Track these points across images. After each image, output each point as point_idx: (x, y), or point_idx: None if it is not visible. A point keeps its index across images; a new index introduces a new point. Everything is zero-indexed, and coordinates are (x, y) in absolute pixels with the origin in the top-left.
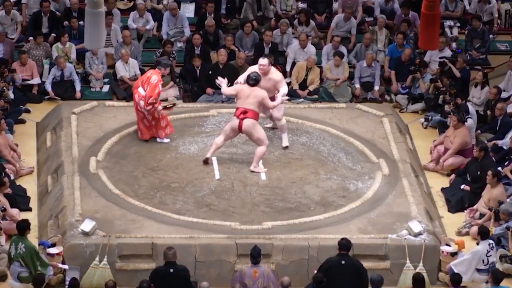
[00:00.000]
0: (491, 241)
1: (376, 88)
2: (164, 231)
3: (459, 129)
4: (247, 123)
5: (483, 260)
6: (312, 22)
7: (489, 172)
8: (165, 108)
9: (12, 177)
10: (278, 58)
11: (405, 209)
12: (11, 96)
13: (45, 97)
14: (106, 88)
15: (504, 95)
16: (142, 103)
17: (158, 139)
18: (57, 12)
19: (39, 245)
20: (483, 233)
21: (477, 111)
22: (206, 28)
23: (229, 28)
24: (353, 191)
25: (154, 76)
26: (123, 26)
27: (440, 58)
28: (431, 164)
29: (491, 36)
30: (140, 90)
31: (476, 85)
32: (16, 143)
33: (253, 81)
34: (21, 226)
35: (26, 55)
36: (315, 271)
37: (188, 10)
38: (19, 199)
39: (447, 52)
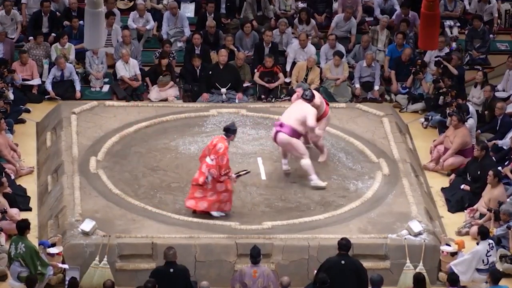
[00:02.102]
0: (491, 241)
1: (376, 88)
2: (164, 231)
3: (459, 129)
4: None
5: (483, 260)
6: (312, 21)
7: (490, 172)
8: (238, 175)
9: (12, 177)
10: (278, 58)
11: (405, 209)
12: (11, 96)
13: (45, 96)
14: (106, 88)
15: (504, 95)
16: (213, 172)
17: (213, 213)
18: (57, 12)
19: (39, 245)
20: (483, 233)
21: (477, 111)
22: (207, 29)
23: (229, 28)
24: (353, 191)
25: (220, 143)
26: (123, 26)
27: (436, 57)
28: (431, 164)
29: (491, 36)
30: (208, 159)
31: (476, 85)
32: (16, 143)
33: (307, 96)
34: (21, 226)
35: (27, 55)
36: (315, 271)
37: (188, 10)
38: (19, 199)
39: (446, 52)
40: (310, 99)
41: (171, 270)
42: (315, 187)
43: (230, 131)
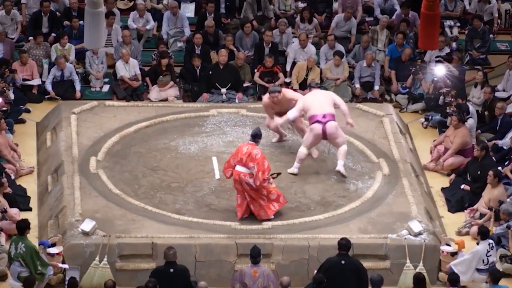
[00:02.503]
0: (491, 241)
1: (376, 88)
2: (164, 231)
3: (459, 129)
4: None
5: (483, 260)
6: (314, 20)
7: (490, 172)
8: (273, 177)
9: (12, 177)
10: (278, 58)
11: (405, 209)
12: (12, 96)
13: (46, 96)
14: (106, 88)
15: (504, 95)
16: (251, 180)
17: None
18: (57, 12)
19: (39, 245)
20: (483, 233)
21: (477, 111)
22: (206, 29)
23: (229, 28)
24: (353, 191)
25: (255, 150)
26: (123, 26)
27: (436, 57)
28: (431, 164)
29: (491, 36)
30: (240, 168)
31: (476, 85)
32: (16, 143)
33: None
34: (21, 226)
35: (27, 55)
36: (315, 271)
37: (188, 10)
38: (19, 199)
39: (447, 52)
40: (319, 86)
41: (171, 270)
42: (340, 173)
43: (258, 136)
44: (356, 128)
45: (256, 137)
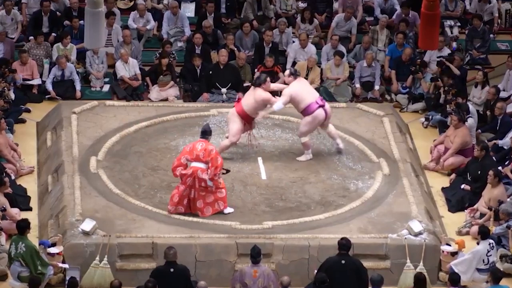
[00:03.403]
0: (491, 241)
1: (377, 87)
2: (165, 230)
3: (459, 129)
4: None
5: (483, 260)
6: (315, 20)
7: (491, 172)
8: (222, 173)
9: (12, 177)
10: (279, 58)
11: (405, 209)
12: (12, 96)
13: (46, 96)
14: (106, 87)
15: (504, 94)
16: (208, 174)
17: (225, 211)
18: (57, 12)
19: (39, 244)
20: (484, 233)
21: (477, 110)
22: (204, 29)
23: (229, 27)
24: (353, 191)
25: (210, 146)
26: (123, 25)
27: (438, 57)
28: (431, 163)
29: (491, 35)
30: (197, 164)
31: (476, 85)
32: (17, 142)
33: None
34: (21, 225)
35: (27, 55)
36: (315, 271)
37: (189, 10)
38: (20, 199)
39: (446, 52)
40: (300, 74)
41: (172, 270)
42: (340, 150)
43: (207, 133)
44: (356, 128)
45: (205, 133)
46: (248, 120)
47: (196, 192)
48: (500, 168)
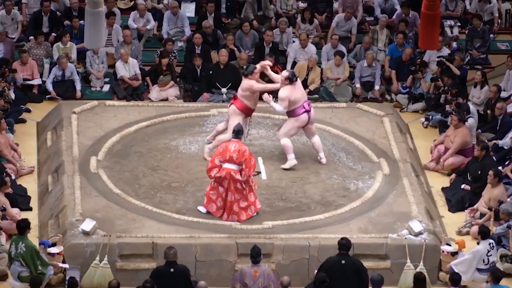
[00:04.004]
0: (491, 241)
1: (377, 87)
2: (165, 230)
3: (459, 129)
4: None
5: (483, 260)
6: (315, 20)
7: (491, 172)
8: (253, 175)
9: (12, 177)
10: (279, 58)
11: (405, 209)
12: (12, 96)
13: (46, 96)
14: (106, 87)
15: (504, 94)
16: (241, 175)
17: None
18: (57, 12)
19: (39, 244)
20: (484, 233)
21: (477, 110)
22: (204, 29)
23: (230, 27)
24: (353, 191)
25: (243, 147)
26: (124, 25)
27: (438, 57)
28: (431, 163)
29: (491, 35)
30: (230, 166)
31: (476, 85)
32: (17, 142)
33: (296, 78)
34: (21, 225)
35: (27, 54)
36: (316, 271)
37: (189, 10)
38: (20, 199)
39: (446, 52)
40: (297, 78)
41: (172, 270)
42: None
43: (240, 132)
44: (357, 128)
45: (239, 133)
46: (249, 113)
47: (233, 196)
48: (500, 168)
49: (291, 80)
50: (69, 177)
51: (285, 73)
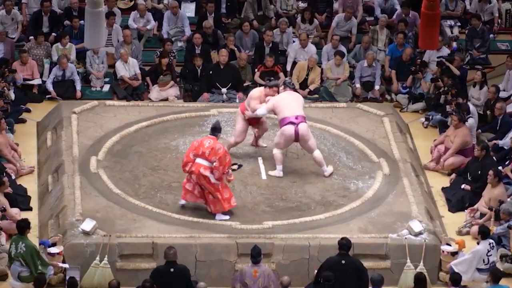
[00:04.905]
0: (491, 241)
1: (377, 87)
2: (165, 230)
3: (459, 129)
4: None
5: (483, 260)
6: (315, 21)
7: (491, 172)
8: (233, 170)
9: (12, 177)
10: (279, 58)
11: (405, 209)
12: (12, 96)
13: (46, 96)
14: (106, 87)
15: (504, 94)
16: (215, 174)
17: (217, 217)
18: (59, 10)
19: (39, 244)
20: (484, 233)
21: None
22: (204, 29)
23: (230, 27)
24: (353, 191)
25: (217, 144)
26: (124, 25)
27: (438, 57)
28: (431, 163)
29: (491, 35)
30: (202, 161)
31: (475, 85)
32: (17, 142)
33: (292, 85)
34: (21, 225)
35: (27, 54)
36: (316, 271)
37: (189, 10)
38: (20, 199)
39: (445, 52)
40: (294, 87)
41: (172, 269)
42: (330, 175)
43: (217, 129)
44: (357, 128)
45: (215, 130)
46: (251, 121)
47: (206, 187)
48: (500, 168)
49: (287, 85)
50: (69, 177)
51: (285, 79)
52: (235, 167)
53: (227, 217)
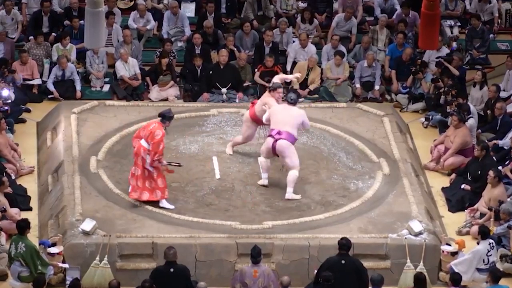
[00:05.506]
0: (491, 241)
1: (377, 87)
2: (165, 230)
3: (459, 129)
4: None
5: (483, 260)
6: (315, 21)
7: (490, 172)
8: (169, 164)
9: (12, 177)
10: (279, 58)
11: (405, 209)
12: (12, 96)
13: (48, 96)
14: (106, 87)
15: (504, 94)
16: (148, 158)
17: (160, 203)
18: (60, 9)
19: (39, 244)
20: (484, 233)
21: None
22: (205, 29)
23: (230, 27)
24: (353, 191)
25: (158, 130)
26: (124, 25)
27: (436, 58)
28: (431, 163)
29: (491, 35)
30: (143, 143)
31: (475, 85)
32: (17, 142)
33: (292, 100)
34: (21, 225)
35: (27, 54)
36: (315, 271)
37: (189, 10)
38: (20, 199)
39: (445, 52)
40: (294, 103)
41: (172, 270)
42: (290, 199)
43: (166, 117)
44: (356, 128)
45: (164, 117)
46: (261, 123)
47: (139, 170)
48: (500, 168)
49: (286, 98)
50: (69, 177)
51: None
52: (174, 164)
53: (172, 206)
